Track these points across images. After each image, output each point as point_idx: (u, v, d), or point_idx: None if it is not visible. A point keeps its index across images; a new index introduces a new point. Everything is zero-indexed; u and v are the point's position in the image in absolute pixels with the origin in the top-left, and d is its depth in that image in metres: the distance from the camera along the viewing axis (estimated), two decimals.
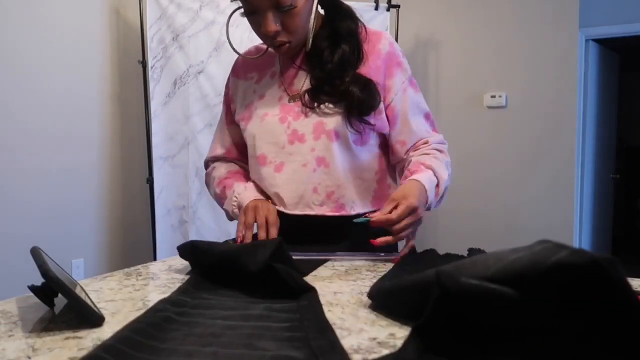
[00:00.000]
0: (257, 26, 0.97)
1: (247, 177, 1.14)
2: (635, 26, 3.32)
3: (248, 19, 0.98)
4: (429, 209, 0.96)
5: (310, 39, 1.00)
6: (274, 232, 0.94)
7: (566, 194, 3.25)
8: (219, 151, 1.19)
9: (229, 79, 1.18)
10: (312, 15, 0.98)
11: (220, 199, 1.13)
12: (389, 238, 0.85)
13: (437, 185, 0.97)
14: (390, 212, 0.86)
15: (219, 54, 2.88)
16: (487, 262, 0.43)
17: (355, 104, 0.99)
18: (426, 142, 1.06)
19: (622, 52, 4.36)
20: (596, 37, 3.44)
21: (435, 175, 0.97)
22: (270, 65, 1.11)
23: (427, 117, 1.09)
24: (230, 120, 1.17)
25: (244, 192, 1.05)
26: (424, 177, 0.94)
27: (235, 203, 1.06)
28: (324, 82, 1.01)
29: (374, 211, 0.97)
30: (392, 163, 1.11)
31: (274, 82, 1.09)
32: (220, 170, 1.16)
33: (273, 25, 0.94)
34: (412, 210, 0.86)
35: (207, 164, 1.23)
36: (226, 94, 1.19)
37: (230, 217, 1.11)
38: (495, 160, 3.38)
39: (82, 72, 2.85)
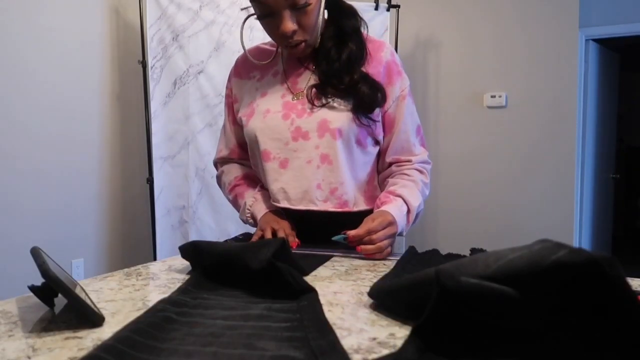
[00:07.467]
0: (273, 28, 0.98)
1: (255, 180, 1.17)
2: (635, 26, 3.32)
3: (262, 22, 0.99)
4: (400, 234, 1.01)
5: (319, 38, 1.02)
6: (292, 241, 1.00)
7: (566, 194, 3.24)
8: (224, 152, 1.23)
9: (229, 79, 1.19)
10: (320, 14, 0.99)
11: (235, 206, 1.19)
12: (370, 246, 0.90)
13: (408, 212, 1.02)
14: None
15: (219, 54, 2.88)
16: (486, 261, 0.43)
17: (365, 100, 1.01)
18: (409, 161, 1.10)
19: (622, 52, 4.36)
20: (596, 37, 3.45)
21: (405, 202, 1.02)
22: (273, 65, 1.12)
23: (417, 131, 1.12)
24: (233, 120, 1.18)
25: (255, 204, 1.11)
26: (392, 207, 0.99)
27: (249, 214, 1.12)
28: (332, 77, 1.02)
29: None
30: (379, 169, 1.15)
31: (277, 81, 1.10)
32: (229, 176, 1.21)
33: (291, 24, 0.95)
34: (389, 223, 0.94)
35: (216, 166, 1.28)
36: (228, 95, 1.19)
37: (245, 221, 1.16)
38: (495, 160, 3.38)
39: (82, 72, 2.85)
